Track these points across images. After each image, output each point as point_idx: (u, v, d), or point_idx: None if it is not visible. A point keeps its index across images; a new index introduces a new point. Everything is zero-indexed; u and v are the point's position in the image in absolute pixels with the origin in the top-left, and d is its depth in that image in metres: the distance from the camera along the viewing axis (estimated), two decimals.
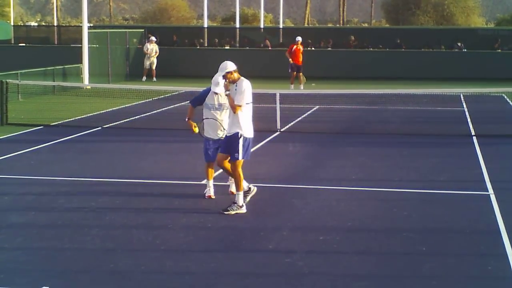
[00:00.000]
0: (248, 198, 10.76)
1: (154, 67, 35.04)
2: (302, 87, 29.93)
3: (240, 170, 10.55)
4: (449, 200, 11.59)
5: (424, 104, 24.64)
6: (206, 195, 11.39)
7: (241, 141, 10.44)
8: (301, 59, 30.61)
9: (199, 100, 11.46)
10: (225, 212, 10.41)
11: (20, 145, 16.05)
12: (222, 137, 11.04)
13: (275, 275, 8.03)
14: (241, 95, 10.37)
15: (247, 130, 10.50)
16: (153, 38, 35.50)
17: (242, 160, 10.56)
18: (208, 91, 11.34)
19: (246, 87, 10.42)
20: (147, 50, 34.99)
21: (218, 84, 10.95)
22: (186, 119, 11.41)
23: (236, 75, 10.57)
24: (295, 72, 30.54)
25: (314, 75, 35.35)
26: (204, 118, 11.30)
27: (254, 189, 10.95)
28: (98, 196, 11.52)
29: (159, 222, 10.06)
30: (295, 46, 30.76)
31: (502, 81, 31.57)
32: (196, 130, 11.32)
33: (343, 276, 8.01)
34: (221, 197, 11.40)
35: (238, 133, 10.44)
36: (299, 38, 31.01)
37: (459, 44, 39.03)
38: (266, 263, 8.42)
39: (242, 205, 10.52)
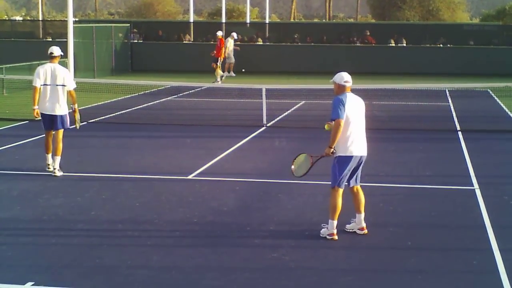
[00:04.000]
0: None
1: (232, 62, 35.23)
2: (219, 80, 31.56)
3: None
4: (435, 195, 11.64)
5: (409, 99, 24.71)
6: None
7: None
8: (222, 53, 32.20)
9: None
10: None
11: (5, 140, 15.98)
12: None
13: (261, 269, 8.04)
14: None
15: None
16: (234, 34, 35.66)
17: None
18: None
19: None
20: (229, 44, 34.96)
21: None
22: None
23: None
24: (214, 64, 31.77)
25: (300, 70, 35.46)
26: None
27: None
28: (84, 191, 11.48)
29: (145, 217, 10.04)
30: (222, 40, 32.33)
31: (488, 77, 31.71)
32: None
33: (329, 270, 8.03)
34: (211, 193, 11.40)
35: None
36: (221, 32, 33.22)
37: (441, 41, 39.10)
38: (252, 258, 8.43)
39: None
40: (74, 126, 13.06)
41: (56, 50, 12.77)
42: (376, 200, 11.04)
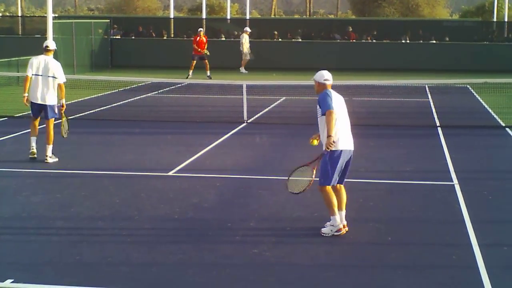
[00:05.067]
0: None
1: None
2: (208, 74, 31.27)
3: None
4: (415, 191, 11.70)
5: (389, 95, 24.82)
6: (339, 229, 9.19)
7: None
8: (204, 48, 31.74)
9: None
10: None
11: None
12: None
13: (242, 266, 8.05)
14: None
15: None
16: (248, 29, 35.41)
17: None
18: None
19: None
20: (244, 41, 34.74)
21: None
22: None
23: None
24: (195, 61, 31.46)
25: (281, 66, 35.47)
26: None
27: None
28: (64, 188, 11.44)
29: (125, 214, 10.01)
30: (198, 38, 31.78)
31: (466, 72, 31.89)
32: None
33: (310, 266, 8.05)
34: (192, 190, 11.39)
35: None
36: (201, 29, 32.73)
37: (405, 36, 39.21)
38: (234, 254, 8.43)
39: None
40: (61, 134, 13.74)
41: (51, 44, 13.76)
42: (356, 195, 11.07)
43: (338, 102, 9.11)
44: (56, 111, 13.52)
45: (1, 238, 8.96)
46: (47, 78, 13.32)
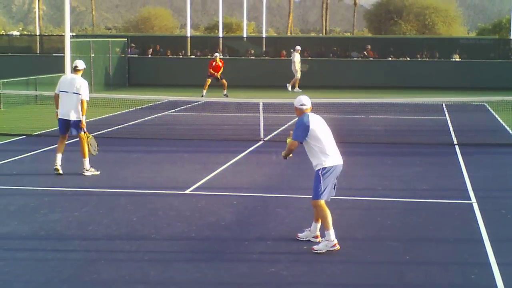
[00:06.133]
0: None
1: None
2: (225, 92, 31.47)
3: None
4: (432, 209, 11.64)
5: (406, 113, 24.76)
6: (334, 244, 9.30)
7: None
8: (219, 72, 31.83)
9: None
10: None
11: (2, 155, 15.96)
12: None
13: (259, 284, 8.02)
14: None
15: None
16: (298, 47, 35.38)
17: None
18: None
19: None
20: (296, 59, 34.74)
21: None
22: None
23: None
24: (210, 80, 31.64)
25: (299, 84, 35.49)
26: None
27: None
28: (81, 206, 11.47)
29: (143, 232, 10.02)
30: (214, 62, 31.90)
31: (484, 90, 31.78)
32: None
33: (327, 285, 8.01)
34: (208, 208, 11.40)
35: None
36: (217, 54, 32.77)
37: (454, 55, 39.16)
38: (251, 273, 8.41)
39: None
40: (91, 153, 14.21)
41: (79, 64, 14.06)
42: (374, 214, 11.04)
43: (318, 122, 9.55)
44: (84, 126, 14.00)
45: (19, 256, 8.99)
46: (71, 94, 13.75)
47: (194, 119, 24.01)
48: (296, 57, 34.69)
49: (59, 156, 13.95)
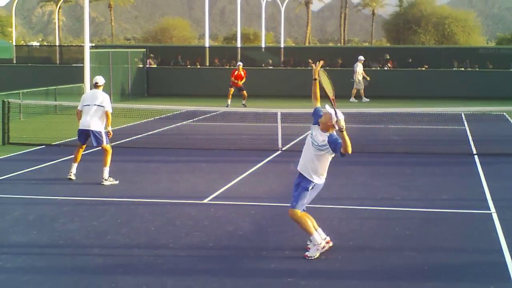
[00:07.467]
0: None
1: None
2: (244, 102, 31.71)
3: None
4: (451, 219, 11.57)
5: (425, 123, 24.68)
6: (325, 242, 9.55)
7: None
8: (241, 82, 31.95)
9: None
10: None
11: (22, 165, 16.07)
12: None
13: None
14: None
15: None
16: (362, 58, 35.25)
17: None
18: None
19: None
20: (359, 69, 34.76)
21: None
22: None
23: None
24: (232, 89, 31.79)
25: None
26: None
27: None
28: (100, 216, 11.51)
29: (161, 241, 10.04)
30: (236, 71, 31.99)
31: (503, 100, 31.61)
32: None
33: None
34: (226, 217, 11.39)
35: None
36: (240, 63, 32.76)
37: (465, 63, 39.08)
38: (268, 282, 8.40)
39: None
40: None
41: (100, 80, 14.59)
42: (392, 224, 11.00)
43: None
44: (104, 137, 14.26)
45: (38, 266, 9.03)
46: (92, 106, 14.18)
47: (212, 129, 24.06)
48: (359, 67, 34.63)
49: (74, 166, 14.41)
